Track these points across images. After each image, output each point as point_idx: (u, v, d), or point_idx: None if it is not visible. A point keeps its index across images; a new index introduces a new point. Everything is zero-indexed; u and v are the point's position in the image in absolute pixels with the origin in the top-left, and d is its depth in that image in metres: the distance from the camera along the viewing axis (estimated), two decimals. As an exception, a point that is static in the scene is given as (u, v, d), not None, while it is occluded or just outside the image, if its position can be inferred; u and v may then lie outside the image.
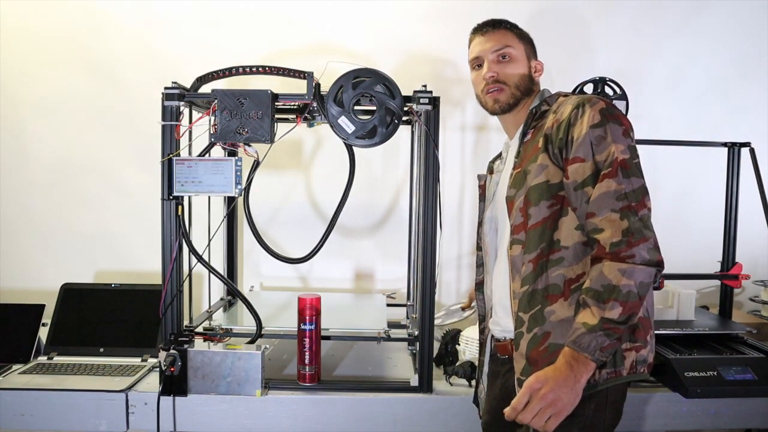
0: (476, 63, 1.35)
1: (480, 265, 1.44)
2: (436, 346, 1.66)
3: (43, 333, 1.78)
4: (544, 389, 1.07)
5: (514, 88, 1.31)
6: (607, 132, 1.12)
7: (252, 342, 1.58)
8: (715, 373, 1.53)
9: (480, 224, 1.42)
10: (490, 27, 1.34)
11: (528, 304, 1.18)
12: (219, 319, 1.82)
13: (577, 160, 1.13)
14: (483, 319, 1.42)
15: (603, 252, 1.08)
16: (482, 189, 1.46)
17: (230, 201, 1.95)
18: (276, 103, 1.48)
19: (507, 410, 1.11)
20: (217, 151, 1.63)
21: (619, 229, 1.07)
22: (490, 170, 1.46)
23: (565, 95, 1.28)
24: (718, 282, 1.93)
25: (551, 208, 1.17)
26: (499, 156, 1.44)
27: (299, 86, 1.49)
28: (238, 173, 1.49)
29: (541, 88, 1.35)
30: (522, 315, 1.19)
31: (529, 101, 1.33)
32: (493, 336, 1.37)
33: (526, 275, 1.19)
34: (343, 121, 1.46)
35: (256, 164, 1.58)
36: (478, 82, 1.34)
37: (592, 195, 1.10)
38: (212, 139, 1.48)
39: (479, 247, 1.43)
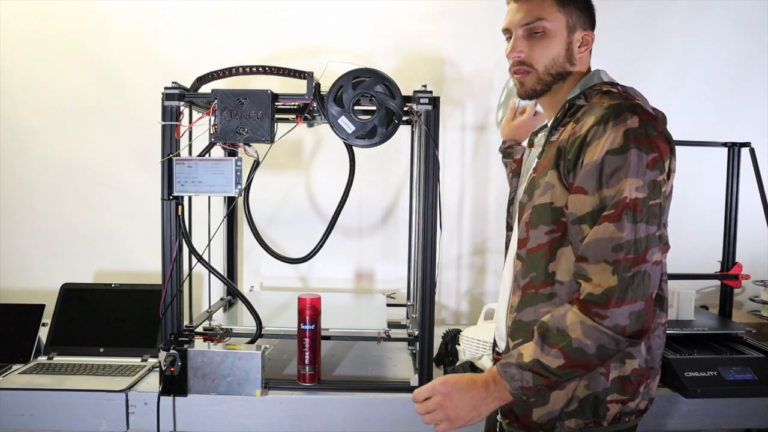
0: (506, 35, 1.16)
1: (507, 247, 1.30)
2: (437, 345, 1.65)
3: (43, 333, 1.78)
4: (446, 398, 1.01)
5: (543, 73, 1.10)
6: (626, 161, 0.93)
7: (252, 342, 1.58)
8: (715, 373, 1.53)
9: (511, 202, 1.29)
10: None
11: (514, 333, 1.09)
12: (219, 319, 1.82)
13: (580, 191, 0.97)
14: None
15: (578, 298, 0.96)
16: (518, 164, 1.32)
17: (230, 201, 1.95)
18: (276, 103, 1.48)
19: (413, 394, 1.06)
20: (217, 151, 1.63)
21: (605, 284, 0.92)
22: (531, 143, 1.29)
23: (607, 92, 1.06)
24: (718, 282, 1.93)
25: (550, 235, 1.03)
26: (544, 128, 1.26)
27: (299, 86, 1.49)
28: (238, 173, 1.49)
29: (591, 68, 1.15)
30: (510, 341, 1.11)
31: (569, 85, 1.12)
32: (495, 343, 1.28)
33: (516, 302, 1.09)
34: (343, 121, 1.46)
35: (256, 164, 1.58)
36: (507, 57, 1.16)
37: (588, 236, 0.95)
38: (212, 139, 1.48)
39: (509, 227, 1.28)
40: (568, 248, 1.02)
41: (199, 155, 1.53)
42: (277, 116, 1.54)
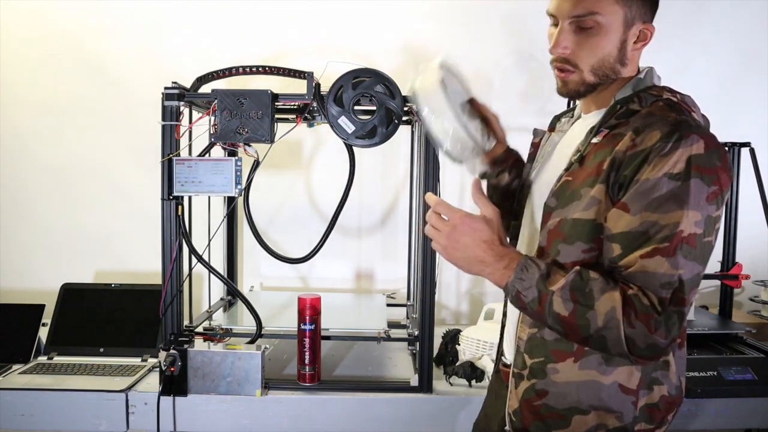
0: (552, 20, 1.01)
1: (513, 237, 1.19)
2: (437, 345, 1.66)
3: (43, 333, 1.78)
4: (455, 233, 0.94)
5: (588, 73, 0.97)
6: (684, 191, 0.84)
7: (252, 342, 1.58)
8: (715, 373, 1.53)
9: (521, 188, 1.18)
10: None
11: (532, 350, 1.01)
12: (219, 319, 1.82)
13: (623, 207, 0.88)
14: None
15: (626, 291, 0.86)
16: (535, 147, 1.20)
17: (230, 201, 1.95)
18: (276, 103, 1.48)
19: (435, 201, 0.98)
20: (217, 151, 1.63)
21: (653, 305, 0.84)
22: (552, 127, 1.18)
23: (668, 100, 0.96)
24: (717, 282, 1.93)
25: (588, 253, 0.93)
26: (570, 113, 1.16)
27: (299, 86, 1.49)
28: (238, 173, 1.49)
29: (640, 68, 1.02)
30: (526, 358, 1.02)
31: (618, 82, 1.00)
32: (502, 353, 1.19)
33: (530, 321, 1.01)
34: (343, 121, 1.46)
35: (256, 164, 1.58)
36: (550, 45, 1.01)
37: (635, 266, 0.86)
38: (212, 139, 1.48)
39: (515, 216, 1.19)
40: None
41: (199, 155, 1.53)
42: (277, 116, 1.54)
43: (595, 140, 0.97)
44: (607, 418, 0.97)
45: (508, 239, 1.04)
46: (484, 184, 1.26)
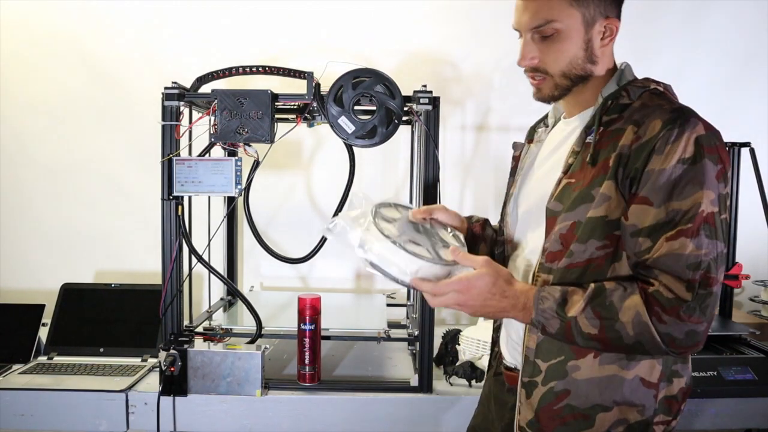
0: (518, 33, 1.03)
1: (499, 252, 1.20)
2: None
3: (43, 333, 1.78)
4: (464, 299, 0.93)
5: (559, 77, 1.00)
6: (699, 172, 0.86)
7: (252, 342, 1.58)
8: (715, 373, 1.53)
9: (505, 204, 1.20)
10: None
11: (548, 352, 0.99)
12: (219, 319, 1.82)
13: (644, 201, 0.89)
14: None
15: (647, 290, 0.88)
16: (516, 161, 1.19)
17: (230, 201, 1.95)
18: (276, 103, 1.48)
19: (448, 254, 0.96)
20: (217, 151, 1.63)
21: (679, 294, 0.86)
22: (530, 138, 1.18)
23: (654, 90, 0.99)
24: (718, 282, 1.93)
25: (602, 250, 0.94)
26: (544, 121, 1.17)
27: (299, 86, 1.49)
28: (238, 173, 1.49)
29: (618, 63, 1.04)
30: (540, 363, 1.00)
31: (597, 80, 1.01)
32: (502, 356, 1.17)
33: None
34: (343, 121, 1.46)
35: (256, 164, 1.58)
36: (518, 64, 1.04)
37: (661, 250, 0.87)
38: (212, 139, 1.48)
39: (501, 231, 1.20)
40: (619, 263, 0.95)
41: (199, 155, 1.53)
42: (277, 116, 1.54)
43: (589, 139, 0.97)
44: (628, 413, 0.97)
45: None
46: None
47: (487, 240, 1.25)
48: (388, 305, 2.00)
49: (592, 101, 1.02)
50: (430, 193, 1.51)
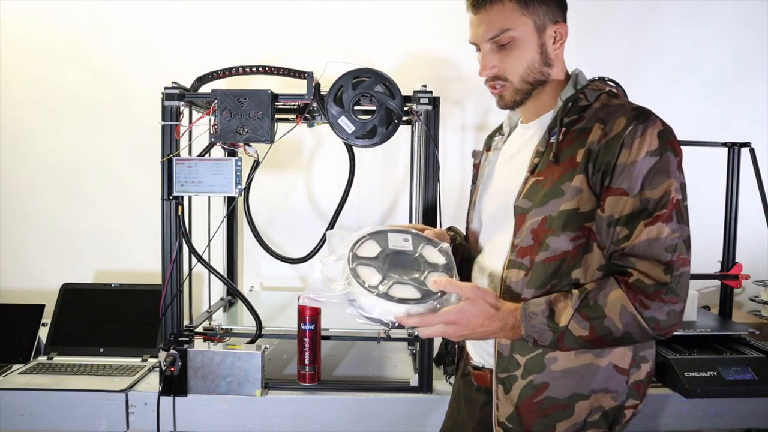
0: (475, 47, 1.10)
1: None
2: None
3: (43, 333, 1.78)
4: (455, 330, 0.94)
5: (519, 83, 1.06)
6: (665, 163, 0.94)
7: (252, 342, 1.58)
8: (715, 373, 1.52)
9: (469, 210, 1.25)
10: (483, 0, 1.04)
11: (525, 346, 1.02)
12: (219, 319, 1.82)
13: (619, 192, 0.94)
14: None
15: (626, 281, 0.94)
16: (476, 169, 1.26)
17: (230, 201, 1.95)
18: (276, 103, 1.48)
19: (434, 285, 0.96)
20: (217, 151, 1.63)
21: (657, 279, 0.92)
22: (488, 146, 1.25)
23: (609, 92, 1.06)
24: (718, 282, 1.93)
25: (574, 242, 0.99)
26: (499, 130, 1.25)
27: (299, 86, 1.49)
28: (238, 173, 1.49)
29: (568, 70, 1.10)
30: (518, 357, 1.04)
31: (553, 85, 1.08)
32: (469, 356, 1.20)
33: None
34: (343, 121, 1.46)
35: (256, 164, 1.58)
36: (480, 74, 1.11)
37: (639, 236, 0.93)
38: (212, 139, 1.48)
39: (467, 238, 1.26)
40: (591, 254, 0.99)
41: (199, 155, 1.53)
42: (277, 116, 1.54)
43: (552, 139, 1.03)
44: (603, 400, 1.02)
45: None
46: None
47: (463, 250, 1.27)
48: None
49: (550, 105, 1.09)
50: (429, 193, 1.51)
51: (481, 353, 1.15)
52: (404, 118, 1.53)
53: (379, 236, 1.06)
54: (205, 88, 1.53)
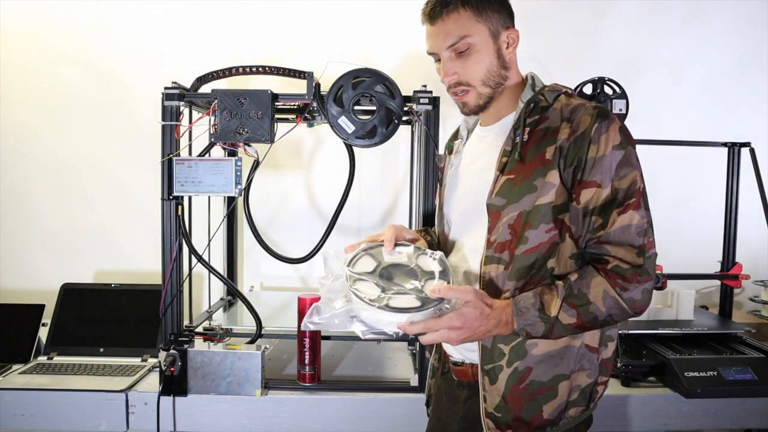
0: (434, 57, 1.15)
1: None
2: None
3: (43, 333, 1.78)
4: (459, 334, 0.97)
5: (480, 87, 1.10)
6: (628, 155, 1.01)
7: (252, 342, 1.58)
8: (715, 373, 1.53)
9: (438, 211, 1.29)
10: (439, 8, 1.10)
11: (506, 336, 1.06)
12: (219, 319, 1.82)
13: (593, 184, 1.01)
14: None
15: (605, 268, 1.01)
16: (442, 172, 1.30)
17: (230, 201, 1.95)
18: (276, 103, 1.48)
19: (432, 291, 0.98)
20: (217, 151, 1.63)
21: (632, 262, 0.99)
22: (450, 150, 1.29)
23: (566, 92, 1.11)
24: (718, 282, 1.93)
25: (549, 233, 1.04)
26: (458, 134, 1.29)
27: (299, 86, 1.49)
28: (238, 173, 1.49)
29: (523, 74, 1.15)
30: (502, 346, 1.07)
31: (511, 89, 1.13)
32: (447, 354, 1.22)
33: None
34: (343, 121, 1.46)
35: (256, 164, 1.58)
36: (442, 81, 1.14)
37: (614, 224, 1.00)
38: (212, 139, 1.48)
39: (437, 239, 1.30)
40: (564, 244, 1.05)
41: (199, 155, 1.53)
42: (277, 116, 1.54)
43: (518, 139, 1.07)
44: (580, 378, 1.09)
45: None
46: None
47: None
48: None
49: (510, 108, 1.13)
50: (429, 193, 1.51)
51: (459, 349, 1.17)
52: (404, 118, 1.53)
53: (374, 251, 1.09)
54: (205, 88, 1.53)
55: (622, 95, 1.78)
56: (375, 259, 1.07)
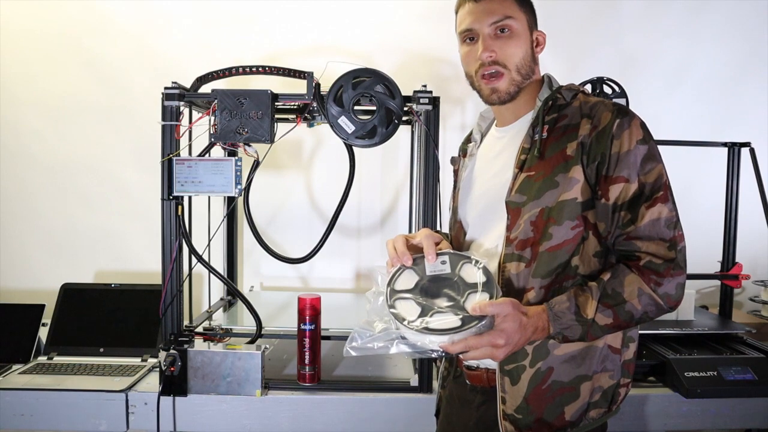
0: (468, 35, 1.11)
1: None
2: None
3: (43, 333, 1.78)
4: (502, 351, 0.95)
5: (515, 73, 1.08)
6: (652, 150, 1.02)
7: (252, 342, 1.58)
8: (715, 373, 1.53)
9: (454, 213, 1.27)
10: None
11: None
12: (219, 319, 1.82)
13: (621, 179, 1.01)
14: None
15: (637, 264, 1.00)
16: (456, 175, 1.30)
17: (230, 201, 1.95)
18: (276, 103, 1.48)
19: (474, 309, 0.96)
20: (217, 151, 1.63)
21: (664, 257, 0.99)
22: (464, 152, 1.29)
23: (583, 91, 1.12)
24: (718, 282, 1.93)
25: (575, 230, 1.03)
26: (471, 137, 1.29)
27: (299, 86, 1.49)
28: (238, 173, 1.49)
29: (541, 72, 1.16)
30: (526, 346, 1.04)
31: (530, 87, 1.12)
32: (460, 358, 1.17)
33: (535, 302, 1.04)
34: (343, 121, 1.46)
35: (256, 164, 1.58)
36: (470, 61, 1.12)
37: (643, 219, 1.00)
38: (212, 139, 1.48)
39: (451, 241, 1.28)
40: (588, 241, 1.04)
41: (199, 155, 1.53)
42: (277, 116, 1.54)
43: (536, 137, 1.07)
44: (602, 379, 1.08)
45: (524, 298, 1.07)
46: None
47: None
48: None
49: (529, 106, 1.13)
50: (429, 193, 1.51)
51: None
52: (404, 118, 1.53)
53: (416, 263, 1.07)
54: (205, 88, 1.53)
55: (622, 95, 1.78)
56: (417, 274, 1.05)
